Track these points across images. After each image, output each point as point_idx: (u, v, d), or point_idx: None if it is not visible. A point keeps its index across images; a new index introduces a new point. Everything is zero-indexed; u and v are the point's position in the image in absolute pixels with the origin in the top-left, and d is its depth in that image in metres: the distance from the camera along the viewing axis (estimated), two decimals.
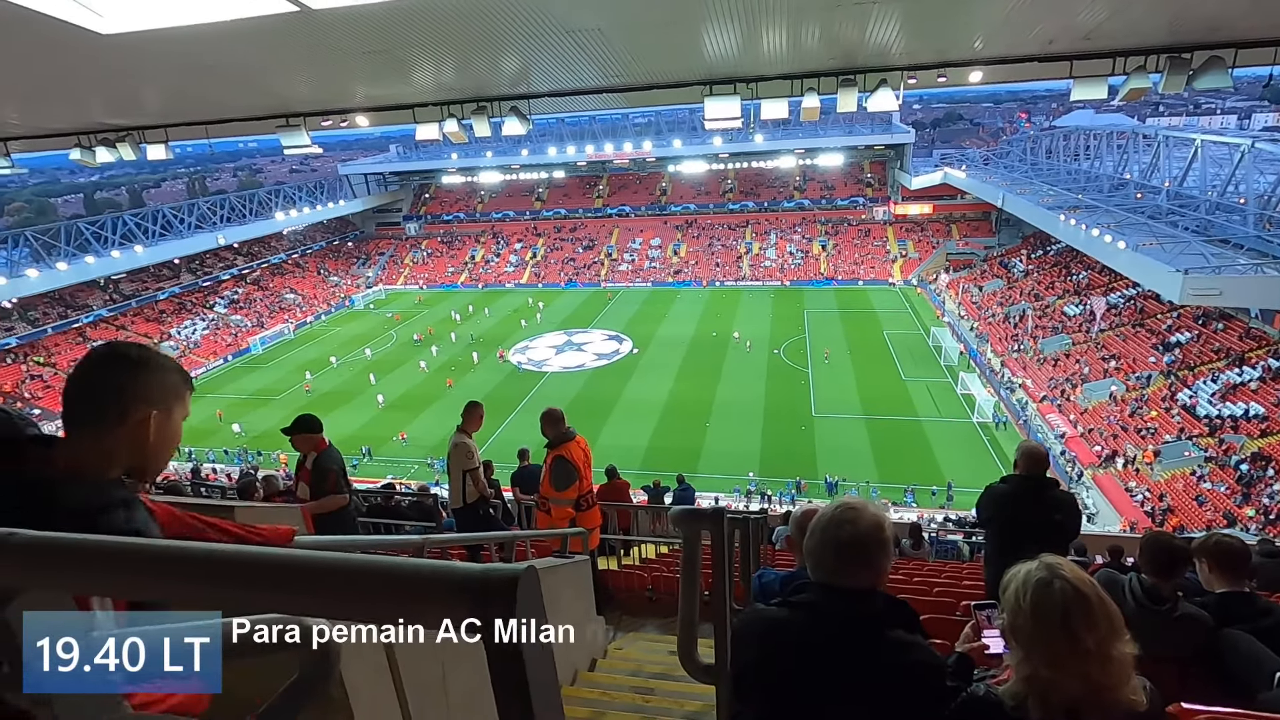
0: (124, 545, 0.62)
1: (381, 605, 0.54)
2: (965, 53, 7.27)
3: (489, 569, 0.52)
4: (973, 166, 49.39)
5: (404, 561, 0.53)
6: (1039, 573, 1.27)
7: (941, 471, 24.39)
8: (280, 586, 0.55)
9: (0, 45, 4.98)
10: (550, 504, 5.13)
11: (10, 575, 0.60)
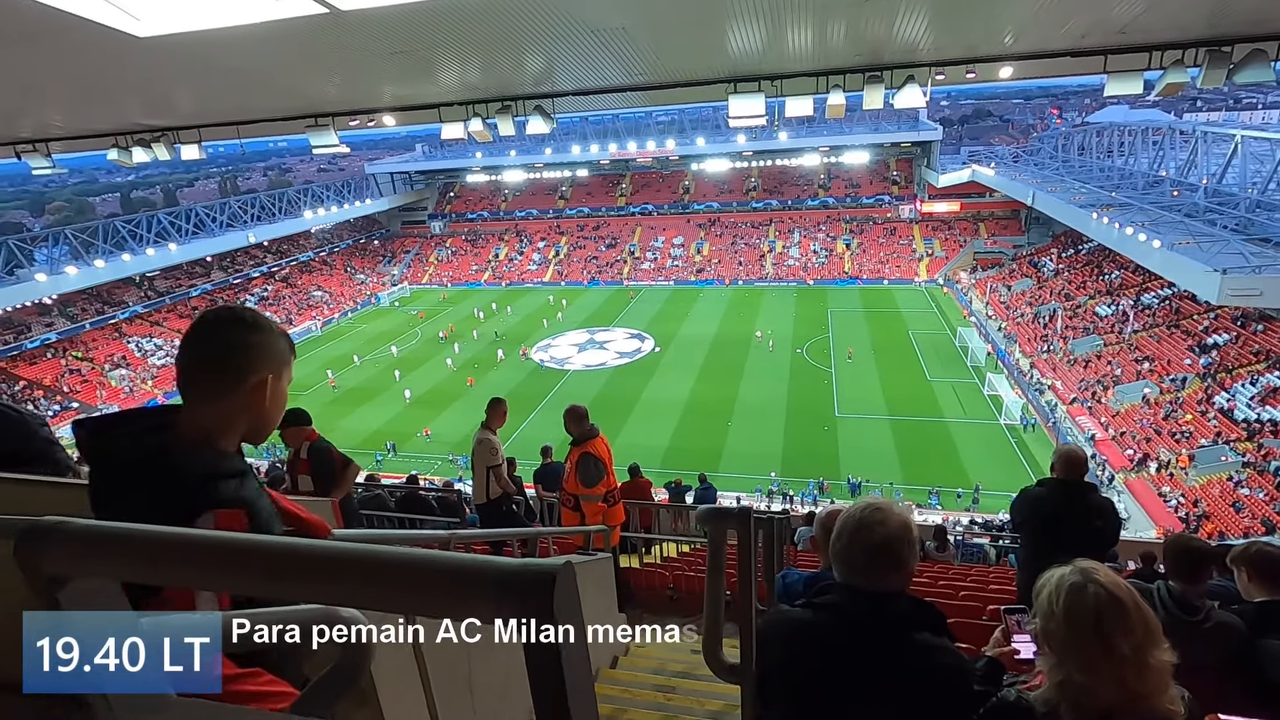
0: (173, 535, 0.63)
1: (421, 598, 0.55)
2: (995, 48, 7.14)
3: (526, 564, 0.52)
4: (1002, 164, 48.54)
5: (443, 555, 0.54)
6: (1073, 577, 1.25)
7: (967, 474, 24.03)
8: (325, 577, 0.57)
9: (44, 49, 5.12)
10: (581, 500, 5.15)
11: (62, 563, 0.62)
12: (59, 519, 0.62)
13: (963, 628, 3.49)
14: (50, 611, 0.65)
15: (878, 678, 1.39)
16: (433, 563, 0.54)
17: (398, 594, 0.56)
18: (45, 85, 6.69)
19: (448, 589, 0.53)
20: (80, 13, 4.31)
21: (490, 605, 0.52)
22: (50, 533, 0.62)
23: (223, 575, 0.62)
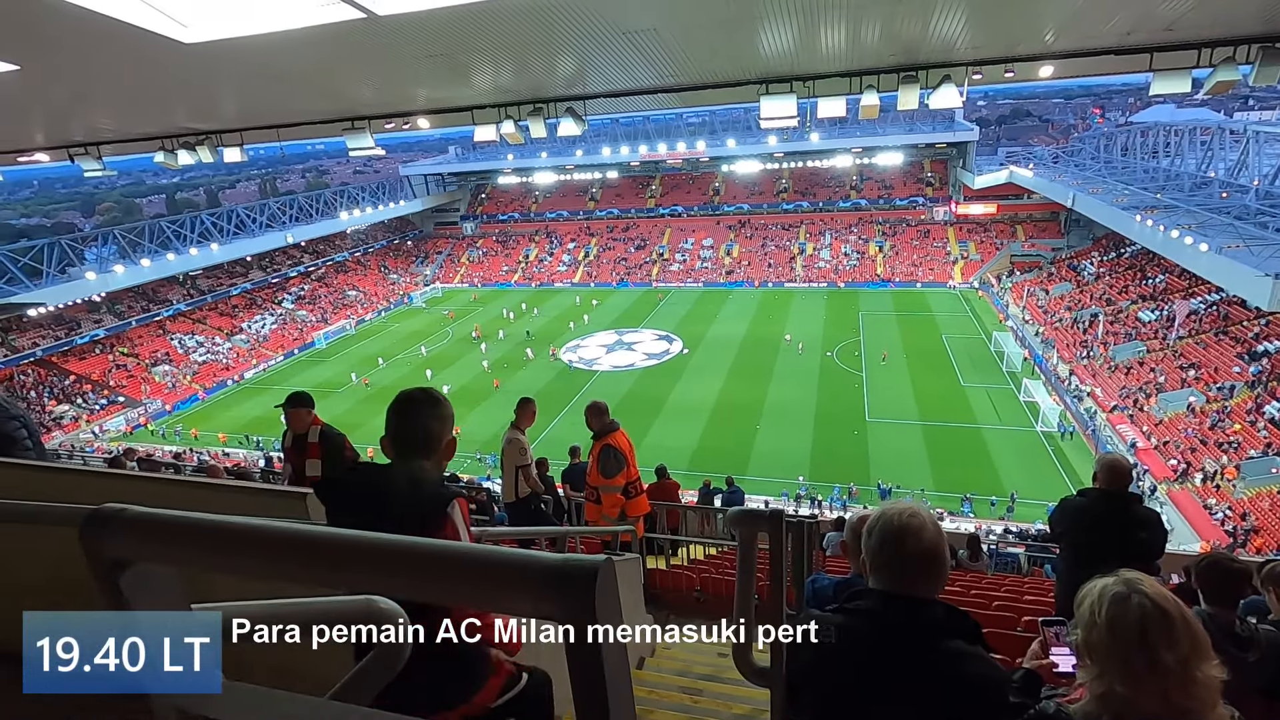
0: (227, 523, 0.65)
1: (470, 590, 0.57)
2: (1035, 47, 6.97)
3: (569, 559, 0.53)
4: (1041, 165, 47.39)
5: (490, 549, 0.56)
6: (1116, 586, 1.21)
7: (1001, 481, 23.51)
8: (378, 568, 0.58)
9: (96, 56, 5.32)
10: (600, 492, 5.18)
11: (122, 548, 0.64)
12: (120, 506, 0.65)
13: (997, 638, 3.41)
14: (108, 601, 0.67)
15: (910, 685, 1.36)
16: (480, 556, 0.56)
17: (447, 585, 0.57)
18: (97, 90, 6.94)
19: (494, 582, 0.55)
20: (131, 20, 4.47)
21: (534, 598, 0.53)
22: (112, 519, 0.64)
23: (277, 562, 0.64)
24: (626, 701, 0.55)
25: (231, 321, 45.68)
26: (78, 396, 35.56)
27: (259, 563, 0.64)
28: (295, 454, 4.67)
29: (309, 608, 0.81)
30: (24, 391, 34.29)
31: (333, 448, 4.60)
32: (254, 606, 0.77)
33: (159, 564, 0.67)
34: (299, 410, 4.62)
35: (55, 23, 4.44)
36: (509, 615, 0.65)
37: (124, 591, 0.64)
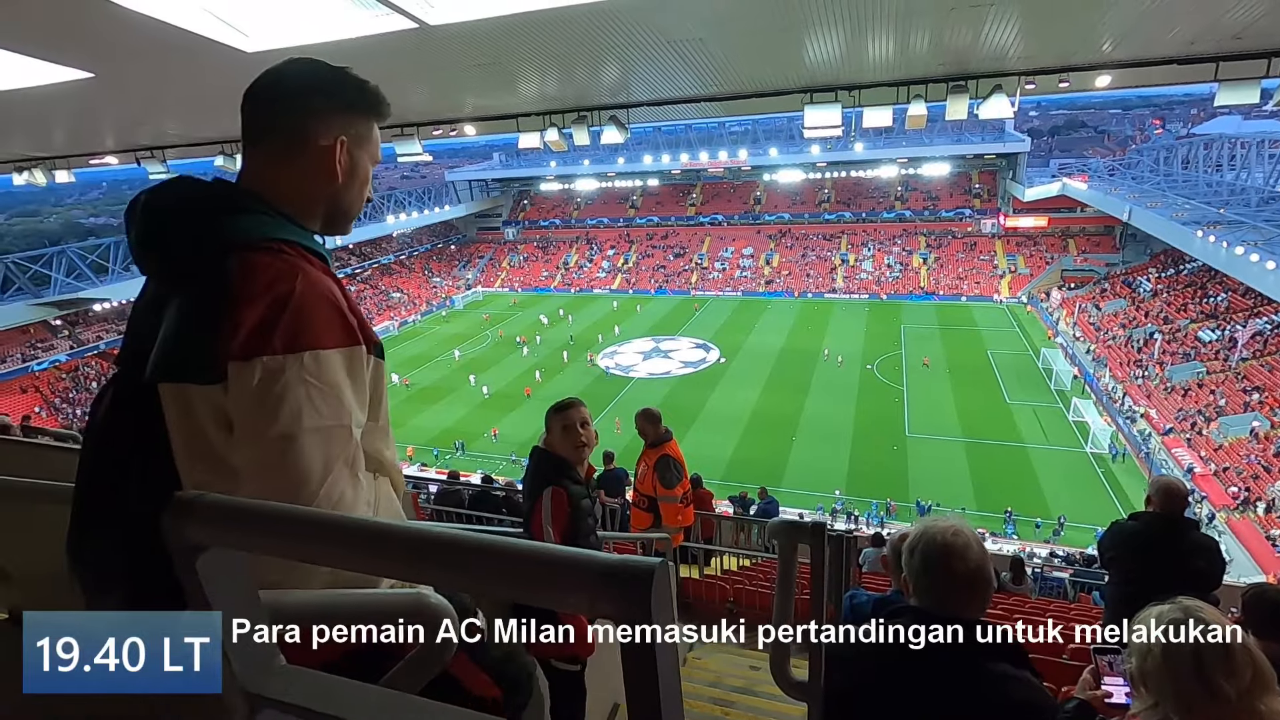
0: (297, 512, 0.69)
1: (528, 586, 0.58)
2: (1091, 56, 6.77)
3: (626, 559, 0.54)
4: (1095, 177, 45.89)
5: (549, 546, 0.57)
6: (1173, 613, 1.16)
7: (1047, 503, 22.74)
8: (441, 561, 0.60)
9: (164, 64, 5.57)
10: (660, 501, 5.18)
11: (200, 533, 0.67)
12: (199, 492, 0.68)
13: (1041, 665, 3.29)
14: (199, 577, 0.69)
15: (951, 708, 1.32)
16: (540, 553, 0.57)
17: (506, 580, 0.59)
18: (164, 97, 7.27)
19: (554, 579, 0.56)
20: (197, 30, 4.68)
21: (590, 597, 0.54)
22: (192, 504, 0.67)
23: (344, 553, 0.66)
24: (676, 699, 0.56)
25: None
26: None
27: (326, 551, 0.67)
28: None
29: (360, 598, 0.84)
30: (87, 383, 35.97)
31: None
32: (307, 595, 0.80)
33: (232, 549, 0.70)
34: None
35: (128, 33, 4.67)
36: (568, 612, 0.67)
37: (200, 574, 0.67)
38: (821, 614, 1.29)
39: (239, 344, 0.92)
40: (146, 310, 1.02)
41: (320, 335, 0.97)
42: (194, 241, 0.98)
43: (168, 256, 1.01)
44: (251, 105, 1.11)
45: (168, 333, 0.96)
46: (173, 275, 1.00)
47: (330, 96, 1.11)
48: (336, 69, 1.13)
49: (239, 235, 0.99)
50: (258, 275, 0.95)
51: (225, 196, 1.04)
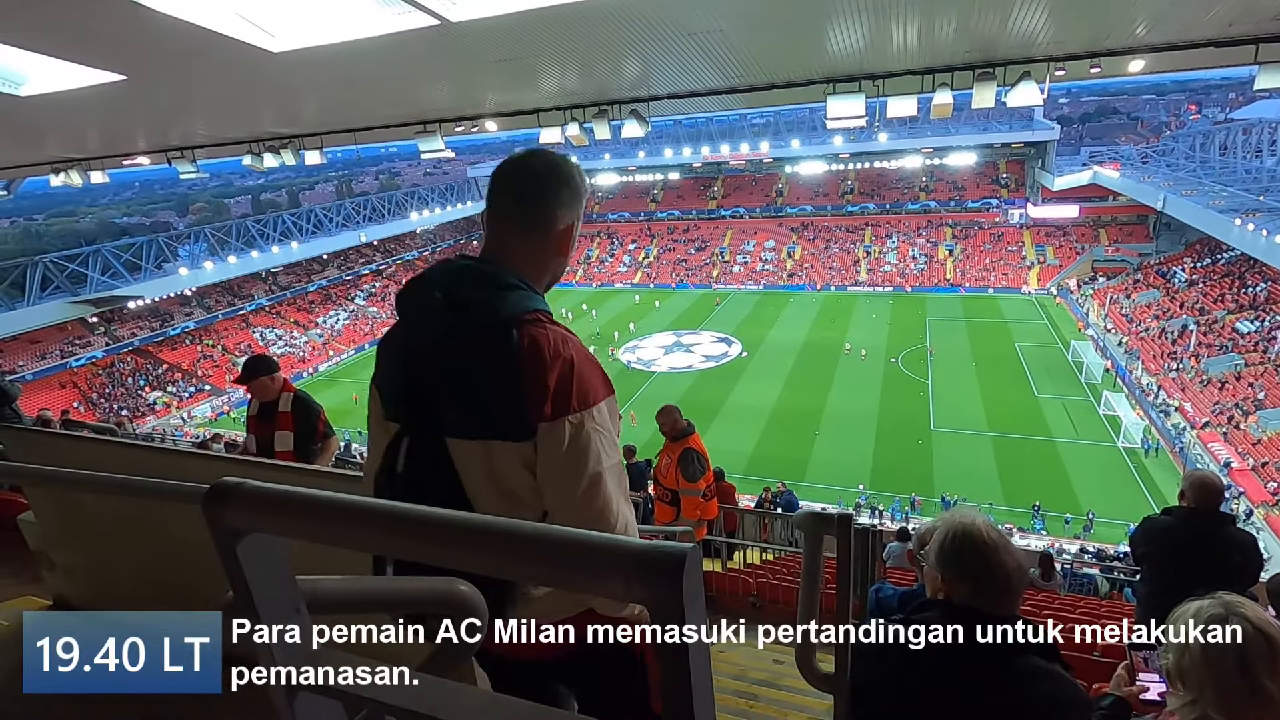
0: (330, 498, 0.69)
1: (562, 571, 0.59)
2: (1124, 40, 6.58)
3: (657, 544, 0.54)
4: (1128, 164, 44.76)
5: (582, 532, 0.58)
6: (1213, 609, 1.14)
7: (1077, 498, 22.32)
8: (474, 546, 0.61)
9: (194, 65, 5.68)
10: (682, 494, 5.20)
11: (240, 519, 0.69)
12: (240, 480, 0.70)
13: (1072, 662, 3.24)
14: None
15: (979, 702, 1.31)
16: (574, 539, 0.58)
17: (540, 566, 0.60)
18: (194, 98, 7.41)
19: (588, 564, 0.57)
20: (226, 31, 4.76)
21: (624, 581, 0.55)
22: (232, 491, 0.69)
23: (380, 537, 0.68)
24: (707, 681, 0.57)
25: (308, 316, 47.94)
26: (169, 384, 38.03)
27: (361, 536, 0.68)
28: (261, 424, 4.07)
29: (392, 585, 0.85)
30: (123, 378, 36.94)
31: (303, 413, 4.05)
32: (341, 581, 0.81)
33: (271, 534, 0.72)
34: (261, 379, 4.06)
35: (159, 35, 4.76)
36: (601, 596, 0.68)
37: (240, 559, 0.69)
38: (848, 607, 1.28)
39: (547, 409, 1.15)
40: (418, 357, 1.22)
41: (597, 390, 1.21)
42: (480, 318, 1.18)
43: (463, 324, 1.19)
44: (504, 187, 1.30)
45: (474, 400, 1.18)
46: (459, 341, 1.19)
47: (571, 189, 1.30)
48: (570, 163, 1.32)
49: (514, 311, 1.19)
50: (542, 348, 1.17)
51: (494, 276, 1.22)
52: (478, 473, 1.18)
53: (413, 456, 1.22)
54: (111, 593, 1.76)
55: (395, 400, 1.27)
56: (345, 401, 35.93)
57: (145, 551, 1.66)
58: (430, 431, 1.20)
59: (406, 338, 1.26)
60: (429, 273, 1.24)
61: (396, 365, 1.26)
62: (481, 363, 1.17)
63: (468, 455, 1.18)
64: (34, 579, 1.95)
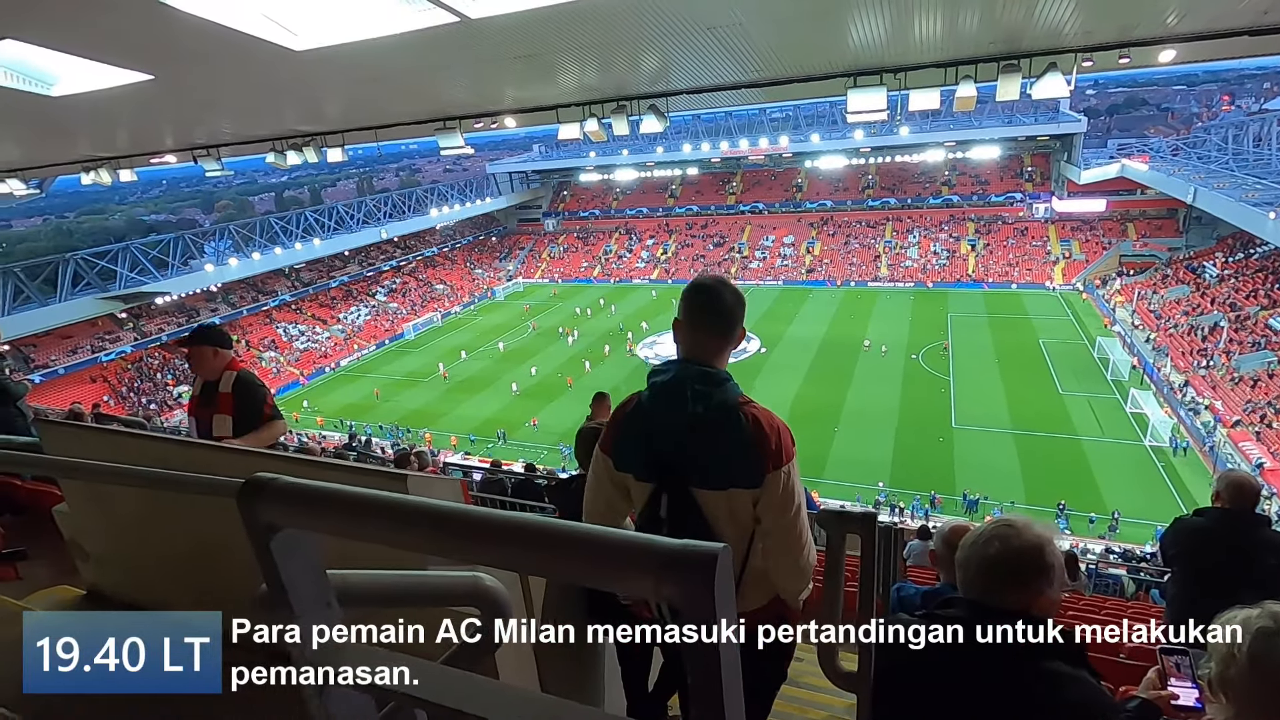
0: (361, 495, 0.70)
1: (592, 569, 0.60)
2: (1155, 29, 6.43)
3: (688, 544, 0.54)
4: (1157, 157, 43.74)
5: (613, 531, 0.59)
6: (1261, 620, 1.10)
7: (1102, 497, 21.95)
8: (504, 543, 0.62)
9: (219, 64, 5.76)
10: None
11: (273, 514, 0.70)
12: (272, 475, 0.71)
13: (1096, 664, 3.18)
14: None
15: (1002, 708, 1.28)
16: (605, 538, 0.58)
17: (572, 565, 0.61)
18: (219, 96, 7.53)
19: (618, 563, 0.57)
20: (249, 31, 4.83)
21: (655, 580, 0.55)
22: (265, 486, 0.70)
23: (409, 533, 0.68)
24: (737, 681, 0.57)
25: (330, 312, 48.51)
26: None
27: (392, 533, 0.69)
28: (201, 407, 3.62)
29: (420, 580, 0.86)
30: (151, 373, 37.68)
31: (244, 393, 3.56)
32: (370, 575, 0.82)
33: (303, 530, 0.72)
34: (202, 349, 3.55)
35: (185, 35, 4.84)
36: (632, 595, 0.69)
37: (273, 553, 0.70)
38: (871, 605, 1.27)
39: (772, 463, 1.67)
40: (671, 434, 1.72)
41: (791, 448, 1.75)
42: (718, 404, 1.72)
43: (706, 410, 1.70)
44: (703, 310, 1.81)
45: (720, 461, 1.68)
46: (705, 422, 1.70)
47: (743, 306, 1.84)
48: (737, 288, 1.86)
49: (735, 398, 1.75)
50: (763, 423, 1.71)
51: (714, 375, 1.77)
52: (721, 512, 1.68)
53: (673, 505, 1.69)
54: (142, 583, 1.80)
55: (648, 466, 1.74)
56: (366, 396, 36.39)
57: (174, 544, 1.69)
58: (682, 486, 1.68)
59: (660, 419, 1.74)
60: (679, 372, 1.76)
61: (651, 440, 1.73)
62: (724, 436, 1.67)
63: (714, 501, 1.68)
64: (69, 569, 2.00)
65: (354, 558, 1.05)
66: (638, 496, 1.79)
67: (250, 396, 3.54)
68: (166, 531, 1.70)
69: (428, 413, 33.51)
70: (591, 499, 1.89)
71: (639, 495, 1.78)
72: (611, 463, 1.81)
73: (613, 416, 1.87)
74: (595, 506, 1.86)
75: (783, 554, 1.73)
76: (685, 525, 1.66)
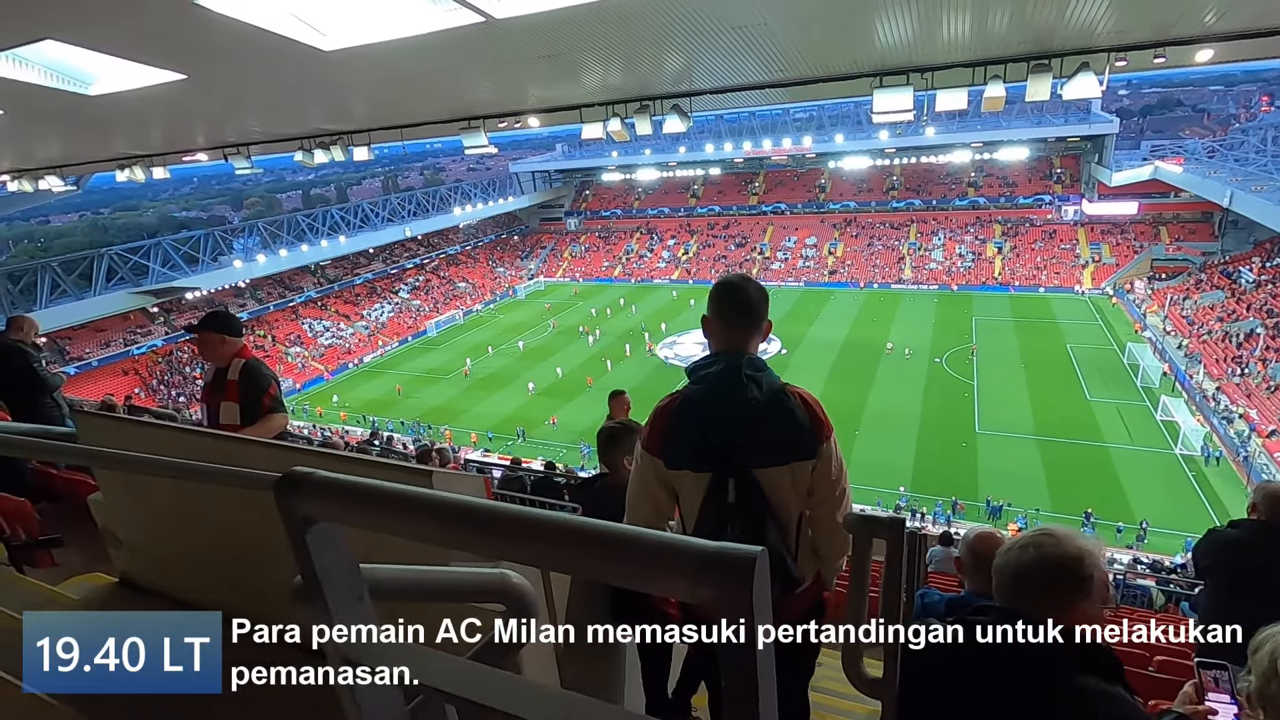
0: (396, 490, 0.71)
1: (629, 569, 0.59)
2: (1193, 28, 6.27)
3: (725, 546, 0.54)
4: (1192, 159, 42.69)
5: (649, 532, 0.58)
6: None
7: (1130, 506, 21.49)
8: (539, 541, 0.62)
9: (250, 64, 5.86)
10: None
11: (310, 506, 0.70)
12: (309, 469, 0.71)
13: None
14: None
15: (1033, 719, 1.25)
16: (642, 539, 0.58)
17: (607, 564, 0.60)
18: (250, 96, 7.66)
19: (653, 564, 0.57)
20: (280, 31, 4.90)
21: (692, 582, 0.54)
22: (302, 480, 0.71)
23: (444, 529, 0.69)
24: (771, 684, 0.57)
25: (354, 308, 49.15)
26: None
27: (429, 529, 0.69)
28: (211, 394, 3.62)
29: (448, 576, 0.86)
30: (181, 366, 38.49)
31: (250, 382, 3.54)
32: (400, 570, 0.83)
33: (339, 523, 0.73)
34: (209, 335, 3.53)
35: (218, 36, 4.93)
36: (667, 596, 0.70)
37: (309, 546, 0.71)
38: (898, 611, 1.25)
39: (824, 433, 1.86)
40: (727, 421, 1.81)
41: (829, 420, 1.91)
42: (769, 388, 1.83)
43: (759, 395, 1.81)
44: (735, 308, 1.92)
45: (785, 436, 1.82)
46: (759, 406, 1.81)
47: (768, 300, 1.95)
48: (760, 285, 1.96)
49: (777, 382, 1.86)
50: (807, 399, 1.87)
51: (764, 365, 1.88)
52: (784, 485, 1.82)
53: (739, 488, 1.79)
54: (172, 572, 1.84)
55: (706, 457, 1.81)
56: (388, 392, 36.81)
57: (204, 534, 1.72)
58: (744, 469, 1.78)
59: (715, 409, 1.83)
60: (728, 363, 1.85)
61: (706, 431, 1.81)
62: (782, 415, 1.81)
63: (777, 477, 1.81)
64: (102, 557, 2.05)
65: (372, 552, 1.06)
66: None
67: (253, 386, 3.51)
68: (197, 522, 1.73)
69: (448, 409, 33.79)
70: (636, 502, 1.93)
71: (695, 487, 1.83)
72: (661, 463, 1.86)
73: (656, 417, 1.92)
74: (641, 510, 1.92)
75: (833, 519, 1.88)
76: (754, 505, 1.78)
